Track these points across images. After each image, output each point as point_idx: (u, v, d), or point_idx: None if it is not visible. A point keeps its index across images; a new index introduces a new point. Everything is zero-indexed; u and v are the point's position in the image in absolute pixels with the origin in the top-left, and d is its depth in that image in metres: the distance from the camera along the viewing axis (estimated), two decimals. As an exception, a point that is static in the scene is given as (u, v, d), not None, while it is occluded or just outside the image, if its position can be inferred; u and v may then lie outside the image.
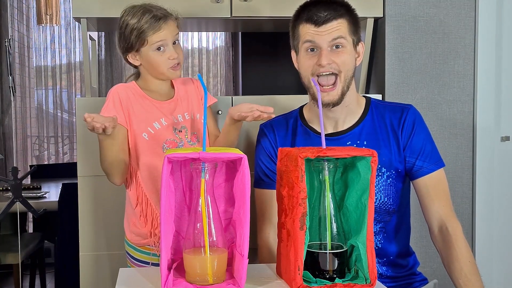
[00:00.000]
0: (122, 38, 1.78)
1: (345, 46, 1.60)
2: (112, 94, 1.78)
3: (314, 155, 1.24)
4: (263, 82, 3.03)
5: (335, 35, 1.58)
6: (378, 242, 1.68)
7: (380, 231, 1.67)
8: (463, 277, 1.59)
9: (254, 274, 1.37)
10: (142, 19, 1.73)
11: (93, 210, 2.18)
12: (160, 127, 1.78)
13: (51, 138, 5.00)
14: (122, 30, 1.77)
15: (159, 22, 1.73)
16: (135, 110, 1.78)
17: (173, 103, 1.83)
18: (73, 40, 4.94)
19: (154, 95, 1.82)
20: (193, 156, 1.24)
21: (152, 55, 1.76)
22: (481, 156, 2.42)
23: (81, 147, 2.18)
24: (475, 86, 2.42)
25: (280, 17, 2.27)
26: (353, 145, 1.66)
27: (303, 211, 1.24)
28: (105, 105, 1.77)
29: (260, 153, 1.77)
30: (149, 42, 1.74)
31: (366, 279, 1.28)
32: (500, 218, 2.47)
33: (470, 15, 2.39)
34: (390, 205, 1.67)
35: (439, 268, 2.40)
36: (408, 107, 1.70)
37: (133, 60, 1.80)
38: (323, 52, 1.58)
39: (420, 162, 1.66)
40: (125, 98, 1.77)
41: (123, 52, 1.80)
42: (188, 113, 1.84)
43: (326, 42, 1.58)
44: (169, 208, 1.28)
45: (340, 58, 1.59)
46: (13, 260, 3.26)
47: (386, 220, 1.67)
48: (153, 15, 1.74)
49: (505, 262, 2.48)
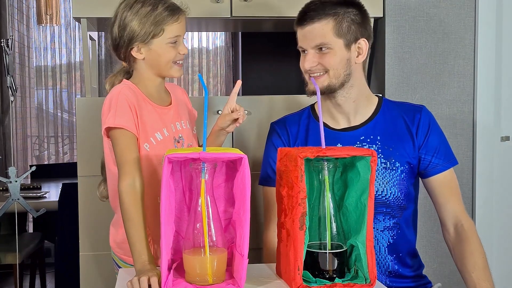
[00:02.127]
0: (126, 27, 1.59)
1: (332, 48, 1.61)
2: (116, 98, 1.56)
3: (313, 155, 1.24)
4: (263, 82, 3.03)
5: (317, 41, 1.61)
6: (391, 238, 1.69)
7: (394, 226, 1.68)
8: (476, 271, 1.60)
9: (254, 274, 1.37)
10: (158, 8, 1.59)
11: (93, 210, 2.18)
12: (162, 138, 1.62)
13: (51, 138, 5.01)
14: (129, 19, 1.59)
15: (177, 12, 1.61)
16: (143, 117, 1.58)
17: (172, 109, 1.68)
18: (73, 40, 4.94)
19: (154, 99, 1.65)
20: (193, 156, 1.24)
21: (165, 47, 1.60)
22: (481, 156, 2.42)
23: (81, 147, 2.18)
24: (475, 86, 2.42)
25: (280, 17, 2.27)
26: (366, 139, 1.68)
27: (303, 211, 1.24)
28: (113, 110, 1.54)
29: (270, 151, 1.78)
30: (165, 32, 1.59)
31: (365, 279, 1.28)
32: (500, 218, 2.47)
33: (470, 15, 2.39)
34: (402, 200, 1.68)
35: (439, 268, 2.40)
36: (421, 107, 1.73)
37: (137, 53, 1.62)
38: (307, 56, 1.63)
39: (437, 160, 1.68)
40: (134, 103, 1.57)
41: (127, 43, 1.61)
42: (184, 122, 1.70)
43: (310, 47, 1.63)
44: (169, 208, 1.28)
45: (325, 60, 1.62)
46: (13, 260, 3.26)
47: (398, 215, 1.69)
48: (168, 5, 1.61)
49: (505, 262, 2.48)
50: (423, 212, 2.38)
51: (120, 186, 1.49)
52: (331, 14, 1.60)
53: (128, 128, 1.53)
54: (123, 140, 1.53)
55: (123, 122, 1.53)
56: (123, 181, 1.48)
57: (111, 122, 1.53)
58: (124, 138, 1.53)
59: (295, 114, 1.81)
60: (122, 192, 1.48)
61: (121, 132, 1.53)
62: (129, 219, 1.46)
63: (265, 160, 1.79)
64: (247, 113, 2.21)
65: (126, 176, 1.49)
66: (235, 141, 2.20)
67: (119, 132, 1.53)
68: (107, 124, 1.54)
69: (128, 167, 1.50)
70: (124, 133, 1.53)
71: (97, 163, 1.77)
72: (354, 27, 1.63)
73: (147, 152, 1.59)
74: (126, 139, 1.53)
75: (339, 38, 1.61)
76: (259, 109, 2.21)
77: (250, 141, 2.20)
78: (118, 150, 1.53)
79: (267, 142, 1.81)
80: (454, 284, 2.42)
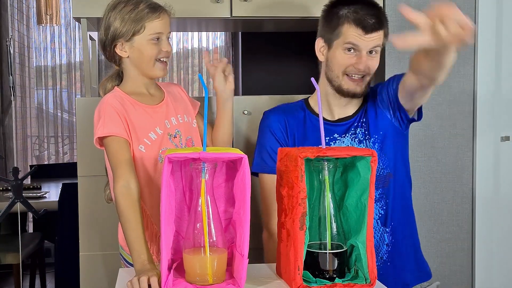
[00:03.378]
0: (110, 29, 1.64)
1: (378, 52, 1.71)
2: (104, 108, 1.61)
3: (313, 155, 1.24)
4: (263, 82, 3.03)
5: (375, 43, 1.68)
6: (380, 209, 1.72)
7: (380, 197, 1.72)
8: None
9: (254, 274, 1.37)
10: (139, 6, 1.64)
11: (93, 210, 2.18)
12: (156, 137, 1.65)
13: (51, 138, 5.01)
14: (111, 20, 1.64)
15: (158, 10, 1.65)
16: (132, 120, 1.62)
17: (164, 105, 1.70)
18: (73, 40, 4.95)
19: (144, 99, 1.68)
20: (193, 156, 1.24)
21: (146, 44, 1.64)
22: (481, 156, 2.42)
23: (81, 147, 2.18)
24: (475, 86, 2.42)
25: (280, 17, 2.27)
26: (358, 127, 1.74)
27: (303, 211, 1.24)
28: (101, 120, 1.59)
29: (266, 138, 1.79)
30: (146, 29, 1.63)
31: (366, 279, 1.28)
32: (500, 218, 2.47)
33: (470, 15, 2.39)
34: (382, 170, 1.72)
35: (439, 268, 2.40)
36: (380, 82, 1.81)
37: (120, 51, 1.65)
38: (363, 58, 1.68)
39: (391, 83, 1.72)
40: (120, 109, 1.61)
41: (110, 42, 1.65)
42: (181, 116, 1.72)
43: (367, 48, 1.68)
44: (169, 208, 1.28)
45: (373, 63, 1.70)
46: (13, 260, 3.26)
47: (383, 185, 1.72)
48: (150, 3, 1.66)
49: (505, 262, 2.48)
50: (423, 212, 2.39)
51: (115, 188, 1.52)
52: (385, 25, 1.71)
53: (118, 134, 1.58)
54: (114, 145, 1.58)
55: (113, 129, 1.58)
56: (117, 183, 1.52)
57: (101, 132, 1.59)
58: (115, 143, 1.58)
59: (290, 104, 1.85)
60: (117, 194, 1.50)
61: (112, 139, 1.58)
62: (126, 221, 1.48)
63: (261, 147, 1.79)
64: (246, 113, 2.22)
65: (119, 179, 1.52)
66: (235, 141, 2.19)
67: (110, 139, 1.59)
68: (98, 135, 1.59)
69: (120, 170, 1.54)
70: (114, 139, 1.58)
71: (97, 163, 1.77)
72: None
73: (142, 153, 1.63)
74: (117, 144, 1.58)
75: (383, 44, 1.72)
76: (259, 109, 2.21)
77: (250, 141, 2.20)
78: (110, 155, 1.58)
79: (263, 129, 1.81)
80: (454, 284, 2.42)
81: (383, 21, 1.70)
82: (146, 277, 1.29)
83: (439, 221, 2.40)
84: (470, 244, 2.42)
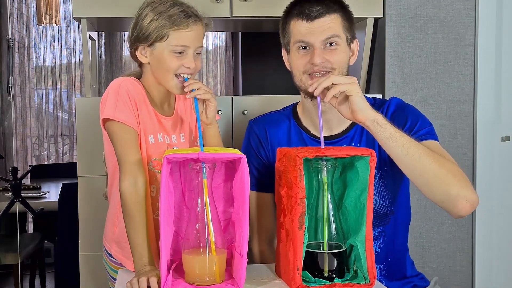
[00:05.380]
0: (137, 26, 1.50)
1: (339, 44, 1.52)
2: (121, 90, 1.47)
3: (312, 155, 1.24)
4: (263, 82, 3.03)
5: (328, 33, 1.50)
6: (377, 247, 1.60)
7: (379, 235, 1.60)
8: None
9: (253, 274, 1.37)
10: (170, 10, 1.47)
11: (93, 210, 2.18)
12: (153, 142, 1.52)
13: (51, 138, 5.00)
14: (142, 16, 1.50)
15: (189, 19, 1.48)
16: (141, 115, 1.50)
17: (171, 121, 1.57)
18: (73, 40, 4.94)
19: (155, 106, 1.55)
20: (192, 156, 1.24)
21: (167, 55, 1.48)
22: (481, 156, 2.42)
23: (81, 147, 2.18)
24: (475, 86, 2.41)
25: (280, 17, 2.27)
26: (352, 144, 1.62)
27: (302, 211, 1.24)
28: (112, 101, 1.45)
29: (247, 149, 1.68)
30: (170, 38, 1.47)
31: (365, 279, 1.28)
32: (500, 218, 2.47)
33: (470, 15, 2.39)
34: (386, 208, 1.59)
35: (439, 268, 2.40)
36: (389, 99, 1.62)
37: (141, 55, 1.52)
38: (316, 50, 1.51)
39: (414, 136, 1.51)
40: (134, 97, 1.48)
41: (133, 42, 1.52)
42: (184, 135, 1.60)
43: (319, 41, 1.51)
44: (168, 209, 1.28)
45: (334, 56, 1.52)
46: (13, 260, 3.26)
47: (384, 223, 1.60)
48: (184, 10, 1.49)
49: (505, 262, 2.48)
50: (423, 212, 2.38)
51: (121, 186, 1.42)
52: (337, 10, 1.53)
53: (128, 123, 1.45)
54: (123, 136, 1.45)
55: (123, 116, 1.45)
56: (124, 180, 1.41)
57: (110, 114, 1.45)
58: (124, 134, 1.45)
59: (276, 113, 1.71)
60: (124, 192, 1.41)
61: (121, 127, 1.45)
62: (131, 221, 1.40)
63: None
64: (247, 113, 2.21)
65: (127, 176, 1.42)
66: (235, 141, 2.19)
67: (119, 126, 1.45)
68: (105, 115, 1.46)
69: (129, 166, 1.43)
70: (124, 129, 1.45)
71: (97, 163, 1.77)
72: (352, 26, 1.57)
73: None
74: (126, 135, 1.45)
75: (344, 33, 1.53)
76: (259, 109, 2.20)
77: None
78: (118, 147, 1.45)
79: (245, 141, 1.71)
80: (454, 284, 2.42)
81: (331, 6, 1.51)
82: (146, 278, 1.28)
83: (439, 221, 2.40)
84: (470, 244, 2.42)
